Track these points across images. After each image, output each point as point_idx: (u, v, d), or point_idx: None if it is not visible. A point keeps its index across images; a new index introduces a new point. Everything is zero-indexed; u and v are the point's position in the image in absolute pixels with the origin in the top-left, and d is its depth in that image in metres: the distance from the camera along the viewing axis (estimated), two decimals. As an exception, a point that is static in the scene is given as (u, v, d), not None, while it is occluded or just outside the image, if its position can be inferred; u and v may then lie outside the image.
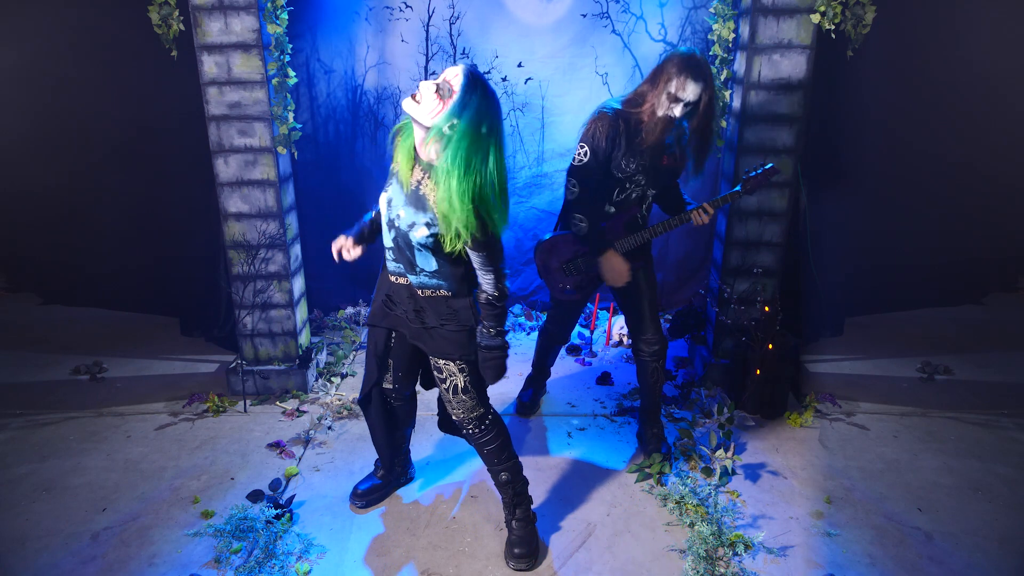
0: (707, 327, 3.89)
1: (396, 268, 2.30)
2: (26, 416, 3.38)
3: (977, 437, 3.21)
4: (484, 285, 2.20)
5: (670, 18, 4.00)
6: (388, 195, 2.22)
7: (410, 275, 2.27)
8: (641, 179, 2.76)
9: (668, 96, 2.55)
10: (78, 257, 4.08)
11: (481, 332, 2.25)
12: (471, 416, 2.38)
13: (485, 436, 2.41)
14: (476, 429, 2.40)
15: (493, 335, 2.24)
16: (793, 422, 3.30)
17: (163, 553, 2.48)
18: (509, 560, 2.43)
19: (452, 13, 4.02)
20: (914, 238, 3.89)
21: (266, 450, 3.11)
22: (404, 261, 2.25)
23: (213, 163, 3.33)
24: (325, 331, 4.30)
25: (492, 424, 2.42)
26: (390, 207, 2.21)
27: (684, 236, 4.42)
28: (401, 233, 2.18)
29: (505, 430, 2.47)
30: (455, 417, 2.41)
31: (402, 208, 2.16)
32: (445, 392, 2.38)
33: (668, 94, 2.54)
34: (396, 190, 2.20)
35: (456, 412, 2.39)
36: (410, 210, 2.15)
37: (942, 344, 3.81)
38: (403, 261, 2.25)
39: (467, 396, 2.36)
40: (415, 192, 2.14)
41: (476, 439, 2.42)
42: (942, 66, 3.58)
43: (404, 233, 2.16)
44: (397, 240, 2.22)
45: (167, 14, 3.25)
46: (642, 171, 2.73)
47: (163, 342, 3.91)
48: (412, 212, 2.14)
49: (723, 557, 2.45)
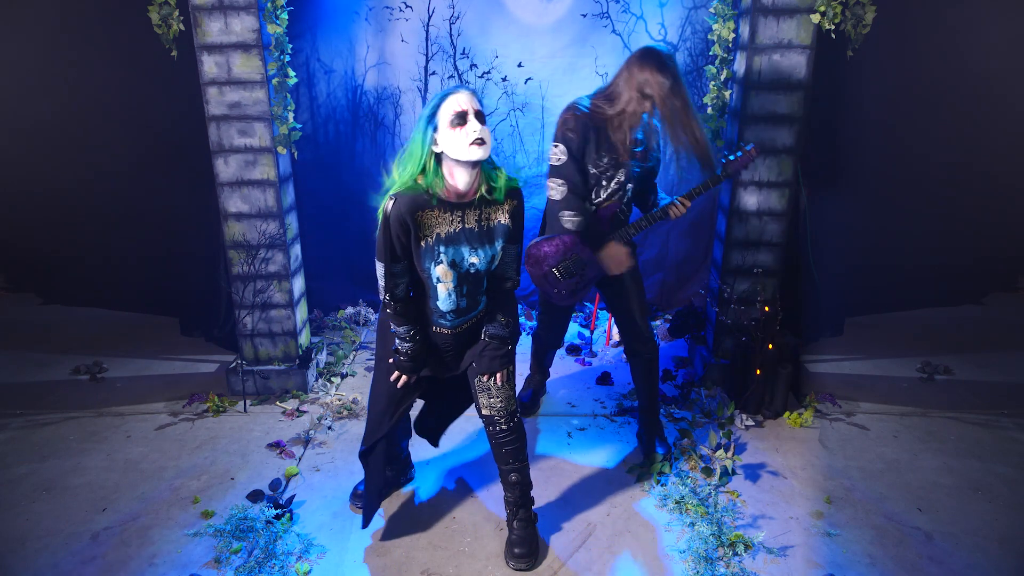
0: (707, 327, 3.89)
1: (459, 321, 2.33)
2: (26, 416, 3.38)
3: (977, 437, 3.21)
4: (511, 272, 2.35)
5: (670, 18, 4.00)
6: (443, 265, 2.16)
7: (478, 308, 2.34)
8: (616, 174, 2.75)
9: (635, 90, 2.59)
10: (78, 257, 4.07)
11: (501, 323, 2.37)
12: (509, 409, 2.40)
13: (511, 434, 2.42)
14: (508, 424, 2.41)
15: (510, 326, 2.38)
16: (793, 422, 3.30)
17: (163, 553, 2.48)
18: (509, 560, 2.43)
19: (452, 13, 4.02)
20: (914, 238, 3.89)
21: (266, 450, 3.11)
22: (474, 302, 2.31)
23: (213, 163, 3.33)
24: (325, 331, 4.30)
25: (519, 422, 2.45)
26: (457, 266, 2.18)
27: (684, 236, 4.42)
28: (478, 276, 2.24)
29: (525, 432, 2.48)
30: (489, 412, 2.40)
31: (475, 256, 2.19)
32: (488, 385, 2.38)
33: (635, 88, 2.58)
34: (449, 251, 2.15)
35: (496, 405, 2.39)
36: (484, 251, 2.20)
37: (942, 344, 3.81)
38: (471, 303, 2.30)
39: (510, 385, 2.40)
40: (481, 231, 2.19)
41: (502, 436, 2.42)
42: (942, 66, 3.58)
43: (481, 274, 2.24)
44: (470, 290, 2.26)
45: (167, 14, 3.25)
46: (616, 166, 2.73)
47: (163, 342, 3.91)
48: (487, 251, 2.20)
49: (723, 557, 2.45)
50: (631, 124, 2.65)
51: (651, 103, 2.59)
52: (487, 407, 2.40)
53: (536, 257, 2.90)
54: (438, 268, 2.16)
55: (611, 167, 2.72)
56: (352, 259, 4.48)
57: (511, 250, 2.29)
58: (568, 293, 2.91)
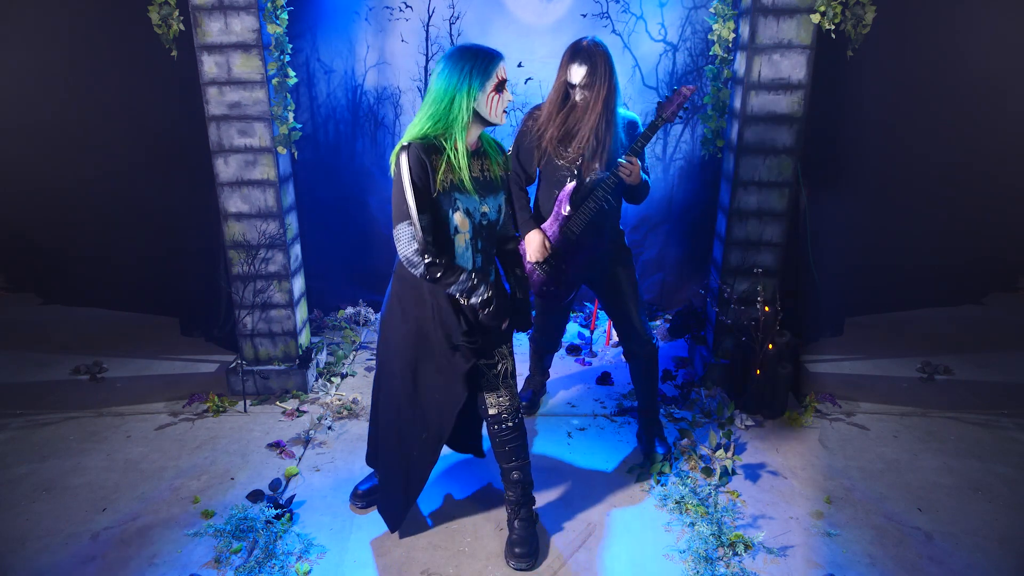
0: (707, 327, 3.89)
1: None
2: (26, 416, 3.38)
3: (977, 437, 3.21)
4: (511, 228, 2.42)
5: (670, 18, 4.00)
6: (460, 212, 2.15)
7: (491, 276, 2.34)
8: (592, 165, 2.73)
9: (563, 81, 2.70)
10: (78, 257, 4.08)
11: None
12: (513, 406, 2.41)
13: (515, 431, 2.43)
14: (512, 422, 2.42)
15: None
16: (793, 422, 3.30)
17: (163, 553, 2.48)
18: (510, 560, 2.43)
19: (452, 13, 4.02)
20: (914, 238, 3.89)
21: (266, 450, 3.11)
22: (488, 260, 2.31)
23: (213, 163, 3.33)
24: (325, 331, 4.30)
25: (522, 420, 2.47)
26: (472, 216, 2.18)
27: (684, 236, 4.42)
28: (492, 226, 2.26)
29: (525, 430, 2.49)
30: (497, 411, 2.40)
31: (485, 204, 2.22)
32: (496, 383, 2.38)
33: (564, 79, 2.69)
34: (464, 199, 2.15)
35: (502, 401, 2.40)
36: (491, 200, 2.23)
37: (942, 344, 3.81)
38: (486, 262, 2.30)
39: (514, 381, 2.42)
40: (485, 180, 2.23)
41: (506, 434, 2.42)
42: (942, 66, 3.58)
43: (494, 223, 2.26)
44: (485, 245, 2.26)
45: (167, 14, 3.25)
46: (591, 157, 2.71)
47: (163, 342, 3.91)
48: (494, 200, 2.24)
49: (723, 557, 2.45)
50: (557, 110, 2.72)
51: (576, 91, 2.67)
52: (495, 406, 2.40)
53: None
54: (456, 215, 2.16)
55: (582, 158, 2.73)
56: (352, 259, 4.48)
57: (506, 207, 2.35)
58: (554, 285, 2.90)
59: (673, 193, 4.34)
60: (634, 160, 2.68)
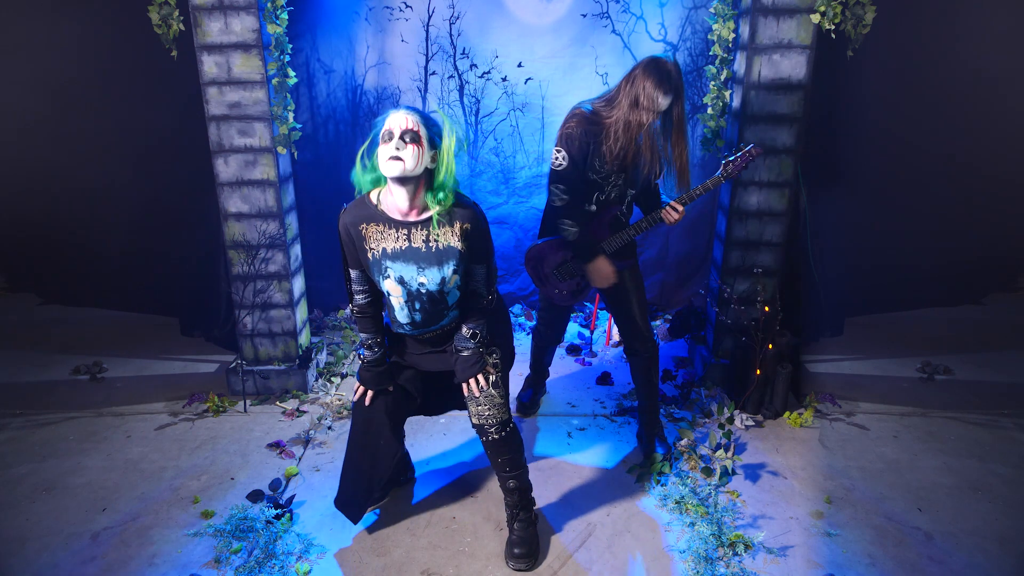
0: (707, 327, 3.89)
1: (419, 331, 2.34)
2: (26, 416, 3.38)
3: (977, 437, 3.21)
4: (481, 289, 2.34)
5: (670, 18, 4.00)
6: (392, 279, 2.20)
7: (443, 322, 2.33)
8: (617, 179, 2.76)
9: (631, 98, 2.57)
10: (78, 257, 4.08)
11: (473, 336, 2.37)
12: (499, 418, 2.37)
13: (503, 444, 2.39)
14: (500, 433, 2.37)
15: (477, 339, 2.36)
16: (793, 422, 3.30)
17: (163, 553, 2.48)
18: (509, 560, 2.43)
19: (452, 13, 4.02)
20: (914, 238, 3.89)
21: (266, 450, 3.11)
22: (434, 316, 2.30)
23: (213, 163, 3.33)
24: (325, 331, 4.30)
25: (512, 432, 2.42)
26: (404, 284, 2.20)
27: (684, 236, 4.42)
28: (431, 295, 2.23)
29: (521, 441, 2.46)
30: (479, 421, 2.38)
31: (423, 276, 2.19)
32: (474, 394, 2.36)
33: (638, 100, 2.55)
34: (396, 267, 2.18)
35: (484, 412, 2.36)
36: (432, 271, 2.19)
37: (942, 344, 3.81)
38: (433, 317, 2.30)
39: (498, 392, 2.38)
40: (429, 252, 2.18)
41: (494, 446, 2.39)
42: (942, 66, 3.58)
43: (435, 292, 2.22)
44: (424, 307, 2.25)
45: (167, 14, 3.25)
46: (617, 171, 2.73)
47: (163, 342, 3.92)
48: (436, 272, 2.19)
49: (723, 557, 2.45)
50: (626, 132, 2.61)
51: (647, 115, 2.57)
52: (476, 415, 2.39)
53: (536, 259, 2.92)
54: (386, 283, 2.22)
55: (612, 172, 2.73)
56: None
57: (479, 271, 2.29)
58: (569, 294, 2.94)
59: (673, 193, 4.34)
60: (682, 209, 2.75)
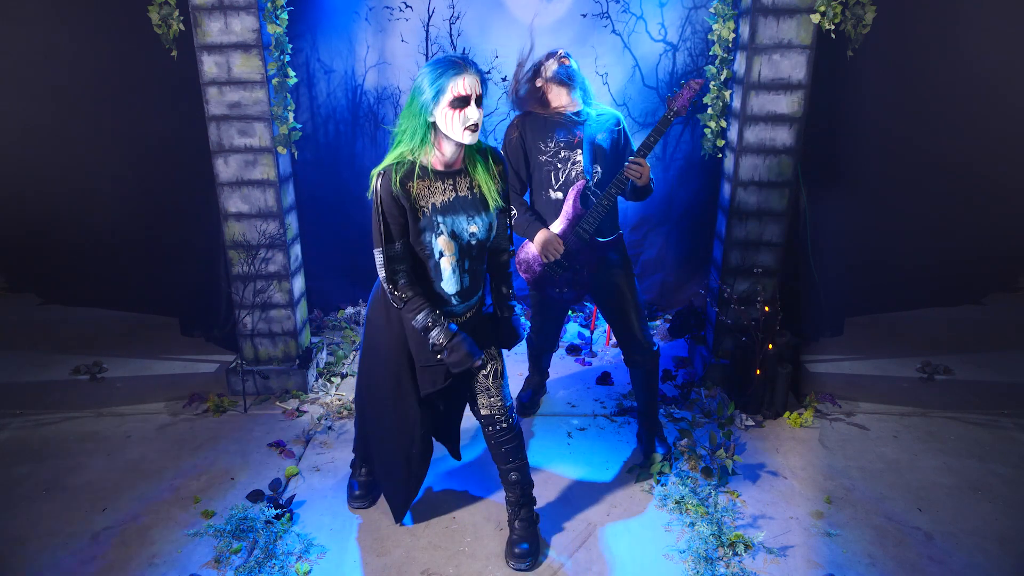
0: (707, 327, 3.89)
1: (464, 306, 2.30)
2: (26, 416, 3.38)
3: (977, 437, 3.21)
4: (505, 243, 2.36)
5: (670, 18, 4.00)
6: (443, 236, 2.13)
7: (479, 293, 2.32)
8: (571, 155, 2.77)
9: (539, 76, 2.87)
10: (78, 257, 4.07)
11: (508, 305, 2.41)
12: (506, 406, 2.40)
13: (510, 432, 2.42)
14: (505, 423, 2.40)
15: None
16: (793, 422, 3.30)
17: (163, 553, 2.48)
18: (510, 560, 2.43)
19: (452, 13, 4.02)
20: (914, 238, 3.89)
21: (266, 450, 3.11)
22: (476, 281, 2.27)
23: (213, 163, 3.33)
24: (325, 331, 4.30)
25: (515, 421, 2.45)
26: (458, 237, 2.15)
27: (684, 236, 4.42)
28: (481, 245, 2.20)
29: (521, 430, 2.48)
30: (489, 412, 2.40)
31: (473, 224, 2.16)
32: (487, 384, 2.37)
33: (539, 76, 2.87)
34: (447, 221, 2.13)
35: (494, 402, 2.39)
36: (481, 218, 2.17)
37: (942, 344, 3.81)
38: (473, 282, 2.26)
39: (505, 382, 2.41)
40: (474, 198, 2.17)
41: (501, 435, 2.41)
42: (942, 66, 3.58)
43: (483, 242, 2.20)
44: (472, 266, 2.23)
45: (167, 14, 3.25)
46: (568, 147, 2.76)
47: (163, 342, 3.91)
48: (484, 218, 2.17)
49: (723, 557, 2.45)
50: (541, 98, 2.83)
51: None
52: (487, 407, 2.40)
53: (526, 263, 2.90)
54: (439, 240, 2.14)
55: (562, 149, 2.76)
56: (352, 259, 4.48)
57: (502, 217, 2.30)
58: (568, 287, 2.90)
59: (673, 193, 4.34)
60: (643, 161, 2.69)
